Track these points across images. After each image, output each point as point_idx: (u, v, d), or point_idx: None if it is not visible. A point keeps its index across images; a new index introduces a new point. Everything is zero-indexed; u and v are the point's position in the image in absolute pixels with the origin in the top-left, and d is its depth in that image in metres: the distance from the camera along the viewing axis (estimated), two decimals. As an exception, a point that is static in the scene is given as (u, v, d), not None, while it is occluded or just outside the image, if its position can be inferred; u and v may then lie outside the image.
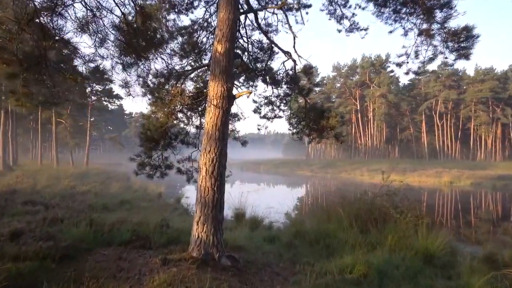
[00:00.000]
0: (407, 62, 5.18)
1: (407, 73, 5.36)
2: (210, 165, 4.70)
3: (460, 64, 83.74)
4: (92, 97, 34.45)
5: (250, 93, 4.77)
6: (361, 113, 67.03)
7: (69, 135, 33.63)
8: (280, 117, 7.07)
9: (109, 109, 49.02)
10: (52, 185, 14.72)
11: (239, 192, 19.84)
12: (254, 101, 7.00)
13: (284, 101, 6.84)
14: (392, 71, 63.73)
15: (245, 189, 24.61)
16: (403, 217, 6.96)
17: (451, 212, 16.85)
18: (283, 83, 6.77)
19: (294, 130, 7.00)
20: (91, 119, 37.54)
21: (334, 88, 70.46)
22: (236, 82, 7.06)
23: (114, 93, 36.95)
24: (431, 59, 5.01)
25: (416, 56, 5.09)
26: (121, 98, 40.50)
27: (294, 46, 5.90)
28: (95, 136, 61.06)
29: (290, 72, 6.57)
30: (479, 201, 21.43)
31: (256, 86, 7.03)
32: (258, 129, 7.04)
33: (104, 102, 42.61)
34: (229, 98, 4.87)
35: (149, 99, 5.59)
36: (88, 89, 31.69)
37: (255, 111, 7.05)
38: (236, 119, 6.75)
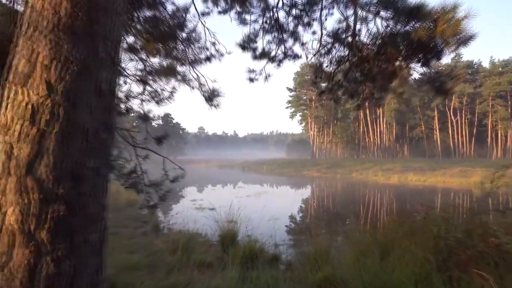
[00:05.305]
0: None
1: None
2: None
3: (475, 56, 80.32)
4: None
5: None
6: (369, 110, 63.15)
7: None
8: (296, 56, 3.47)
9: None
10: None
11: (236, 196, 16.22)
12: (242, 21, 3.34)
13: (307, 18, 3.22)
14: (402, 64, 59.92)
15: (244, 192, 20.90)
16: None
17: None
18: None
19: (324, 85, 3.35)
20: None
21: (340, 84, 66.61)
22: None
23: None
24: None
25: None
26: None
27: None
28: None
29: None
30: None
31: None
32: (251, 80, 3.47)
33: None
34: None
35: None
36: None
37: (244, 46, 3.43)
38: (203, 53, 3.17)
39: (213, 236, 8.03)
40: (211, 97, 3.28)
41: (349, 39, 2.83)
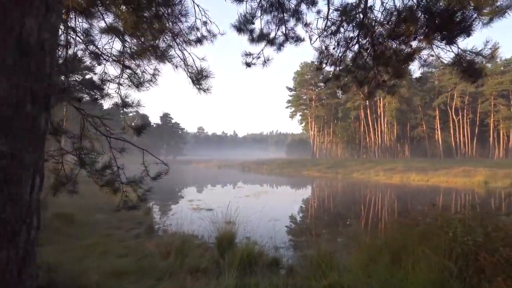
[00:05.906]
0: None
1: None
2: None
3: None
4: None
5: None
6: (370, 109, 62.78)
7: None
8: (298, 39, 3.09)
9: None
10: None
11: (235, 197, 15.84)
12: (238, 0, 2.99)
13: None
14: (403, 63, 59.58)
15: (244, 192, 20.46)
16: None
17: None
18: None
19: (332, 68, 2.98)
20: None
21: (341, 83, 66.18)
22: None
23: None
24: None
25: None
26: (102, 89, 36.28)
27: None
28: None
29: None
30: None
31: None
32: (247, 65, 3.09)
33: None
34: None
35: None
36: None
37: (239, 27, 3.06)
38: (193, 34, 2.80)
39: (209, 238, 7.65)
40: (198, 78, 2.87)
41: (360, 16, 2.46)
